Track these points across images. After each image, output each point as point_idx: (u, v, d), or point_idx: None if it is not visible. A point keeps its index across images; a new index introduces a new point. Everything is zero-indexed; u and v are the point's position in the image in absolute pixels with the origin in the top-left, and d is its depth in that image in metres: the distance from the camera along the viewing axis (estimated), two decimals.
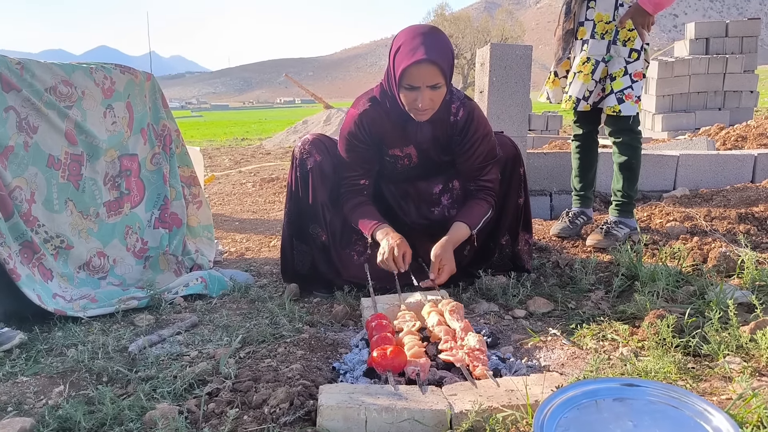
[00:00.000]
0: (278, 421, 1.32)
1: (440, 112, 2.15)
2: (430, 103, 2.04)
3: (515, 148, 2.37)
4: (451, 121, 2.19)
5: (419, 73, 1.97)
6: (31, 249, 2.12)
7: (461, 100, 2.21)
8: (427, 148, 2.26)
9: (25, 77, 2.18)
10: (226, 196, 5.27)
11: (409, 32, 2.05)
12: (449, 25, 35.92)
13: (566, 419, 1.18)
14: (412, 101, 2.04)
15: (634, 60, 2.69)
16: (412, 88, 2.01)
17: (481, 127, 2.22)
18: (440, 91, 2.03)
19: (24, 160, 2.16)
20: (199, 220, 2.96)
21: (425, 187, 2.36)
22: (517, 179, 2.36)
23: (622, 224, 2.87)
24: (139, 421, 1.32)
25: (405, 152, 2.27)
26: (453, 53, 2.09)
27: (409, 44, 2.00)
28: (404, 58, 1.98)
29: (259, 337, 1.85)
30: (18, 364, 1.72)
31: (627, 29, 2.66)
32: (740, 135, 5.87)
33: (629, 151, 2.86)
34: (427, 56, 1.94)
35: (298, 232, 2.35)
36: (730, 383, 1.43)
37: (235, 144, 12.62)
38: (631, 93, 2.69)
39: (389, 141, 2.25)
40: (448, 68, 2.02)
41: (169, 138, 2.82)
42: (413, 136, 2.23)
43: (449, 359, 1.53)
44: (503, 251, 2.43)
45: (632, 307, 1.92)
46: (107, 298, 2.27)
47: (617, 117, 2.75)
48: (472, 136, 2.20)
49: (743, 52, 9.61)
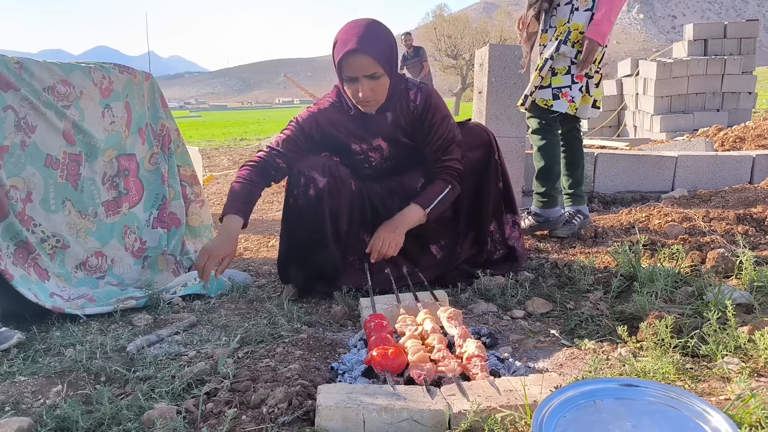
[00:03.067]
0: (277, 421, 1.32)
1: (399, 100, 2.21)
2: (372, 93, 2.08)
3: (488, 134, 2.40)
4: (410, 108, 2.24)
5: (354, 63, 2.03)
6: (27, 249, 2.12)
7: (417, 86, 2.26)
8: (395, 137, 2.28)
9: (24, 76, 2.17)
10: (224, 196, 5.26)
11: (345, 26, 2.10)
12: (448, 25, 35.94)
13: (565, 419, 1.18)
14: (354, 93, 2.10)
15: (579, 62, 2.77)
16: (351, 80, 2.07)
17: (439, 110, 2.26)
18: (381, 81, 2.07)
19: (21, 160, 2.15)
20: (201, 219, 2.96)
21: (409, 182, 2.39)
22: (494, 165, 2.39)
23: (537, 215, 3.05)
24: (137, 421, 1.32)
25: (374, 145, 2.29)
26: (391, 43, 2.12)
27: (343, 37, 2.06)
28: (339, 51, 2.04)
29: (258, 337, 1.85)
30: (16, 364, 1.71)
31: (579, 32, 2.76)
32: (738, 136, 5.88)
33: (542, 145, 2.95)
34: (358, 46, 1.99)
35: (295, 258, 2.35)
36: (728, 384, 1.43)
37: (233, 144, 12.61)
38: (568, 92, 2.81)
39: (353, 137, 2.27)
40: (384, 58, 2.05)
41: (168, 138, 2.82)
42: (377, 128, 2.25)
43: (441, 370, 1.52)
44: (493, 237, 2.45)
45: (631, 308, 1.92)
46: (105, 297, 2.27)
47: (544, 110, 2.87)
48: (431, 119, 2.25)
49: (741, 54, 9.62)
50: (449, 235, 2.44)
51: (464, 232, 2.45)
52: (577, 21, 2.75)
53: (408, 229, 2.23)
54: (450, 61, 34.47)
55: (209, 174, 6.49)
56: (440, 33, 34.99)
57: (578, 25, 2.75)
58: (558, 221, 3.04)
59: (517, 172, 3.90)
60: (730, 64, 9.38)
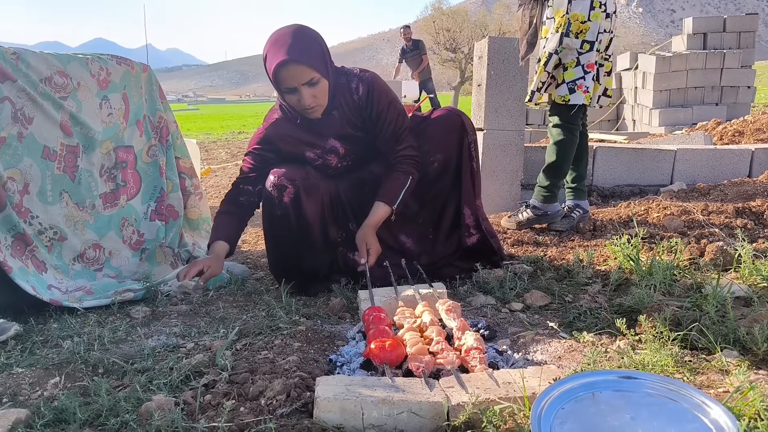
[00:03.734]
0: (275, 413, 1.32)
1: (342, 95, 2.18)
2: (314, 99, 2.05)
3: (460, 116, 2.36)
4: (355, 99, 2.20)
5: (288, 74, 1.99)
6: (24, 241, 2.11)
7: (358, 76, 2.21)
8: (345, 134, 2.25)
9: (21, 68, 2.16)
10: (222, 189, 5.26)
11: (271, 37, 2.05)
12: (447, 19, 35.80)
13: (564, 411, 1.18)
14: (296, 102, 2.07)
15: (586, 51, 2.77)
16: (290, 90, 2.04)
17: (384, 95, 2.23)
18: (320, 85, 2.04)
19: (18, 152, 2.14)
20: (200, 211, 2.95)
21: (376, 169, 2.35)
22: (467, 148, 2.34)
23: (536, 208, 3.03)
24: (135, 413, 1.32)
25: (327, 147, 2.26)
26: (320, 44, 2.07)
27: (272, 50, 2.01)
28: (270, 64, 2.00)
29: (256, 329, 1.84)
30: (13, 356, 1.71)
31: (579, 21, 2.74)
32: (737, 130, 5.88)
33: (560, 140, 2.92)
34: (289, 57, 1.96)
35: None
36: (727, 376, 1.43)
37: (231, 137, 12.59)
38: (582, 83, 2.79)
39: (305, 145, 2.25)
40: (317, 61, 2.02)
41: (166, 130, 2.81)
42: (326, 130, 2.22)
43: (440, 362, 1.52)
44: (467, 222, 2.42)
45: (629, 301, 1.92)
46: (103, 290, 2.26)
47: (564, 106, 2.85)
48: (377, 105, 2.21)
49: (741, 48, 9.61)
50: (423, 224, 2.43)
51: (438, 219, 2.42)
52: (575, 11, 2.74)
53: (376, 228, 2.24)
54: (449, 54, 34.35)
55: (207, 167, 6.47)
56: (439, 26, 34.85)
57: (577, 15, 2.73)
58: (556, 216, 3.04)
59: (516, 165, 3.90)
60: (729, 58, 9.37)
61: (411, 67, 11.33)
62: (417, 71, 11.14)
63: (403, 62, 11.49)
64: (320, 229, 2.27)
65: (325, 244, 2.30)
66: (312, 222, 2.22)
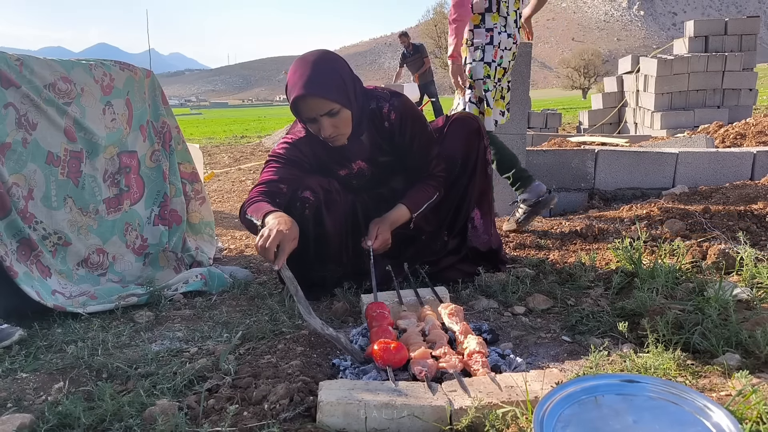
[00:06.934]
0: (278, 417, 1.32)
1: (372, 120, 2.14)
2: (334, 129, 2.00)
3: (477, 121, 2.39)
4: (386, 126, 2.17)
5: (307, 106, 1.96)
6: (29, 246, 2.12)
7: (389, 101, 2.16)
8: (374, 157, 2.24)
9: (24, 74, 2.17)
10: (225, 193, 5.27)
11: (294, 65, 2.01)
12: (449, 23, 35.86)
13: (566, 415, 1.18)
14: (317, 132, 2.04)
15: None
16: (311, 120, 2.01)
17: (416, 121, 2.21)
18: (341, 115, 1.99)
19: (22, 157, 2.15)
20: (201, 216, 2.96)
21: (396, 185, 2.35)
22: (483, 151, 2.36)
23: (525, 199, 3.14)
24: (139, 418, 1.32)
25: (356, 168, 2.25)
26: (341, 74, 2.00)
27: (291, 79, 1.99)
28: (290, 95, 1.98)
29: (259, 334, 1.85)
30: (17, 361, 1.72)
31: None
32: (739, 133, 5.88)
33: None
34: (305, 91, 1.91)
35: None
36: (729, 379, 1.44)
37: (234, 141, 12.61)
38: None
39: (333, 164, 2.23)
40: (337, 92, 1.95)
41: (169, 135, 2.82)
42: (355, 153, 2.21)
43: (443, 366, 1.52)
44: (475, 224, 2.44)
45: (632, 304, 1.92)
46: (107, 294, 2.27)
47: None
48: (410, 131, 2.19)
49: (742, 50, 9.62)
50: (433, 223, 2.43)
51: (452, 219, 2.44)
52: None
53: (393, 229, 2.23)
54: None
55: (210, 171, 6.49)
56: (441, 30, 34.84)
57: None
58: (547, 198, 3.08)
59: None
60: (731, 61, 9.38)
61: (412, 70, 11.35)
62: (418, 73, 11.17)
63: (404, 66, 11.52)
64: (337, 244, 2.24)
65: (339, 259, 2.28)
66: (330, 236, 2.19)
